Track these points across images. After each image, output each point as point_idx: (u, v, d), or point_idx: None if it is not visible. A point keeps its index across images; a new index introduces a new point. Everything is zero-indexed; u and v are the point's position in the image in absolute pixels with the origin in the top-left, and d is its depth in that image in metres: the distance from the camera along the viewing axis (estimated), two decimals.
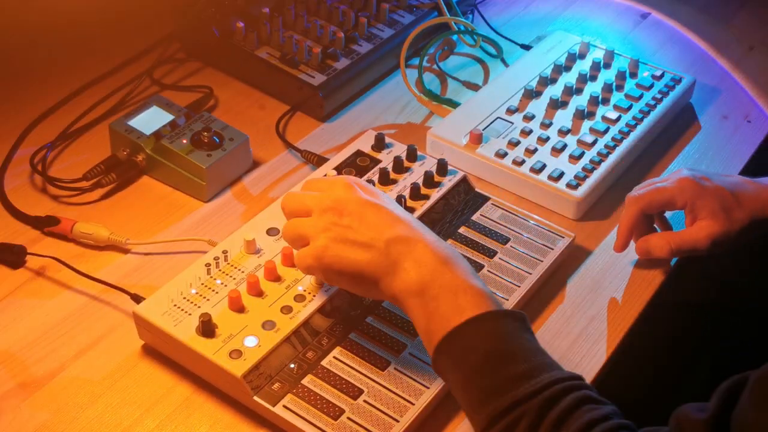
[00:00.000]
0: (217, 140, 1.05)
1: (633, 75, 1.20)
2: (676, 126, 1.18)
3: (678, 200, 0.92)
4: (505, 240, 0.97)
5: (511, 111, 1.13)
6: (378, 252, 0.76)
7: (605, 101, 1.15)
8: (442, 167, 1.01)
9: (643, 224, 0.95)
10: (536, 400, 0.67)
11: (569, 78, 1.19)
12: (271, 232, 0.93)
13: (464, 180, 1.02)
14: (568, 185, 1.03)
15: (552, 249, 0.96)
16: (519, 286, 0.92)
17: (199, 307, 0.85)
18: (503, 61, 1.30)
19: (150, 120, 1.07)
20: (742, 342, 1.12)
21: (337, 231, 0.78)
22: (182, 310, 0.85)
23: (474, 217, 0.99)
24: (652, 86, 1.17)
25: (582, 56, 1.23)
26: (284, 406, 0.79)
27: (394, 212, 0.79)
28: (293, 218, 0.82)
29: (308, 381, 0.81)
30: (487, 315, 0.72)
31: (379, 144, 1.05)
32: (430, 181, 1.00)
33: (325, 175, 0.97)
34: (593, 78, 1.19)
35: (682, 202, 0.92)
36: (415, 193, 0.98)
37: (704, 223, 0.91)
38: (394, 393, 0.81)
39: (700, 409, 0.65)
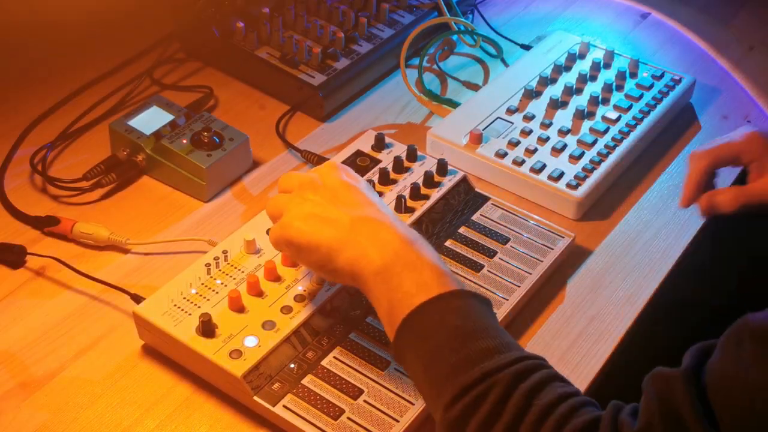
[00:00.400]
0: (217, 140, 1.05)
1: (633, 75, 1.20)
2: (676, 126, 1.18)
3: (745, 156, 0.91)
4: (505, 240, 0.97)
5: (511, 111, 1.13)
6: (342, 229, 0.77)
7: (605, 101, 1.15)
8: (442, 167, 1.01)
9: (708, 180, 0.93)
10: (507, 372, 0.67)
11: (569, 78, 1.19)
12: None
13: (464, 180, 1.02)
14: (568, 185, 1.03)
15: (552, 249, 0.96)
16: (519, 286, 0.92)
17: (199, 307, 0.85)
18: (503, 61, 1.30)
19: (150, 120, 1.07)
20: None
21: (307, 206, 0.79)
22: (182, 310, 0.85)
23: (474, 217, 0.99)
24: (652, 86, 1.17)
25: (582, 56, 1.23)
26: (284, 406, 0.79)
27: (366, 195, 0.80)
28: (275, 196, 0.84)
29: (308, 381, 0.81)
30: (455, 293, 0.72)
31: (379, 144, 1.05)
32: (430, 181, 1.00)
33: None
34: (593, 78, 1.19)
35: (749, 158, 0.91)
36: (415, 193, 0.98)
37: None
38: (394, 393, 0.81)
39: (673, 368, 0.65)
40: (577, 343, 0.90)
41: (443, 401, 0.68)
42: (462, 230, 0.98)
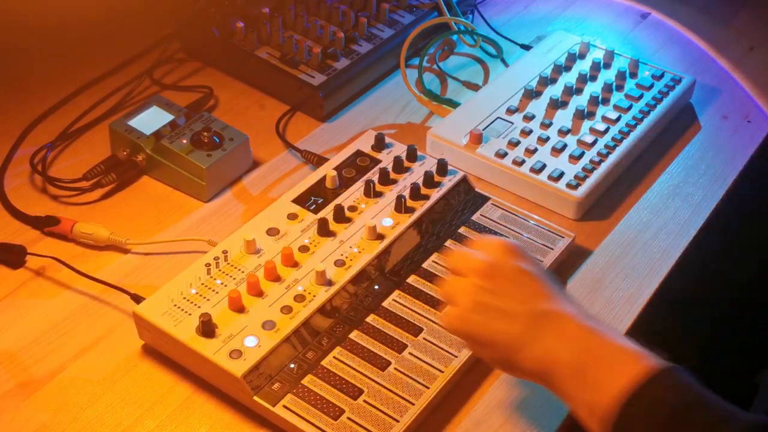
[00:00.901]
0: (217, 140, 1.05)
1: (633, 75, 1.20)
2: (676, 126, 1.18)
3: None
4: None
5: (511, 111, 1.13)
6: (522, 325, 0.72)
7: (605, 101, 1.15)
8: (442, 167, 1.01)
9: None
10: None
11: (569, 78, 1.19)
12: (271, 232, 0.93)
13: (464, 180, 1.02)
14: (568, 185, 1.03)
15: (552, 249, 0.96)
16: None
17: (199, 307, 0.85)
18: (503, 61, 1.30)
19: (150, 120, 1.07)
20: (742, 340, 1.12)
21: (483, 296, 0.74)
22: (182, 310, 0.85)
23: (474, 217, 0.99)
24: (652, 86, 1.17)
25: (582, 56, 1.23)
26: (284, 406, 0.79)
27: (544, 283, 0.75)
28: (449, 278, 0.78)
29: (308, 381, 0.81)
30: (656, 372, 0.67)
31: (379, 144, 1.05)
32: (430, 181, 1.00)
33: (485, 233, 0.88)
34: (593, 78, 1.19)
35: None
36: (415, 193, 0.98)
37: None
38: (394, 393, 0.81)
39: None
40: None
41: None
42: (462, 230, 0.98)
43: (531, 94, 1.16)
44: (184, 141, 1.04)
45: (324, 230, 0.94)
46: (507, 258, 0.76)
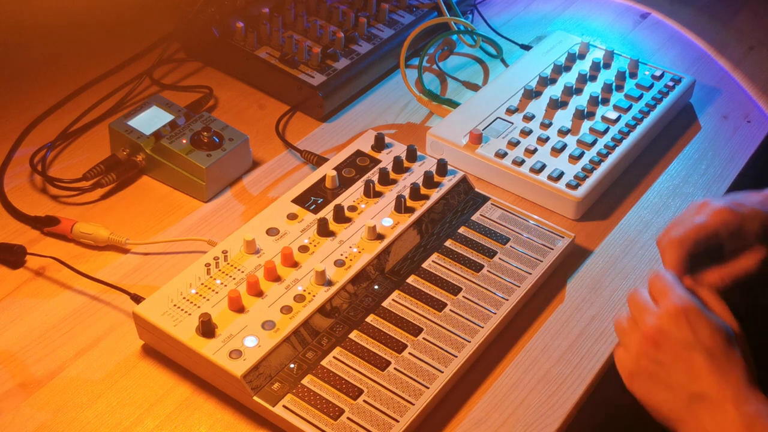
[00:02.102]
0: (217, 140, 1.05)
1: (633, 75, 1.20)
2: (676, 126, 1.18)
3: (722, 234, 0.84)
4: (504, 240, 0.97)
5: (510, 111, 1.13)
6: (679, 403, 0.74)
7: (605, 101, 1.15)
8: (442, 167, 1.01)
9: (688, 267, 0.87)
10: None
11: (569, 78, 1.19)
12: (271, 232, 0.93)
13: (464, 180, 1.02)
14: (568, 185, 1.03)
15: (552, 249, 0.96)
16: (519, 286, 0.92)
17: (198, 307, 0.85)
18: (503, 61, 1.30)
19: (150, 120, 1.07)
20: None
21: (647, 363, 0.76)
22: (182, 310, 0.85)
23: (474, 218, 0.99)
24: (651, 86, 1.17)
25: (582, 56, 1.23)
26: (284, 406, 0.79)
27: (709, 360, 0.74)
28: (625, 324, 0.79)
29: (308, 381, 0.81)
30: None
31: (379, 144, 1.05)
32: (429, 181, 1.00)
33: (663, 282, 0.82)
34: (593, 78, 1.19)
35: (725, 236, 0.85)
36: (415, 194, 0.98)
37: (752, 252, 0.86)
38: (394, 393, 0.81)
39: None
40: (577, 343, 0.90)
41: None
42: (462, 230, 0.98)
43: (531, 94, 1.16)
44: (184, 141, 1.04)
45: (324, 230, 0.94)
46: (674, 328, 0.75)
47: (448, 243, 0.96)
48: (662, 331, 0.75)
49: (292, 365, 0.83)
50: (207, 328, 0.83)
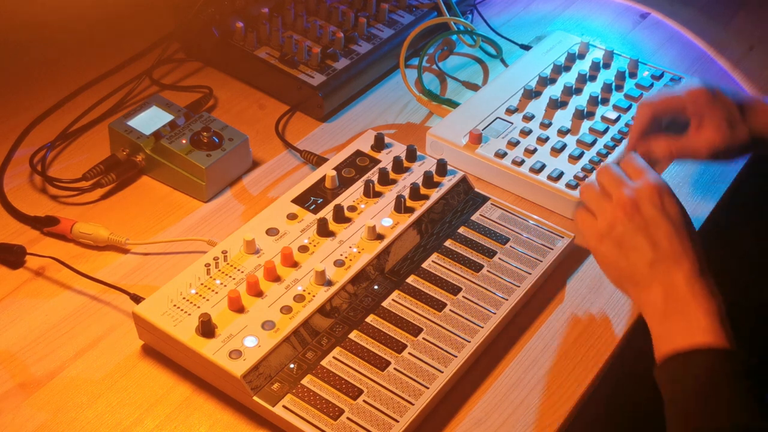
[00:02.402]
0: (217, 140, 1.05)
1: (632, 75, 1.20)
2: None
3: (689, 108, 0.95)
4: (504, 240, 0.97)
5: (510, 111, 1.13)
6: (642, 266, 0.83)
7: (605, 101, 1.15)
8: (442, 167, 1.01)
9: (652, 129, 0.98)
10: None
11: (569, 78, 1.19)
12: (271, 232, 0.93)
13: (464, 180, 1.02)
14: (568, 185, 1.03)
15: (552, 249, 0.96)
16: (519, 286, 0.92)
17: (198, 307, 0.85)
18: (503, 61, 1.30)
19: (149, 120, 1.07)
20: (742, 340, 1.12)
21: (619, 229, 0.84)
22: (182, 310, 0.85)
23: (473, 217, 0.99)
24: (651, 86, 1.17)
25: (581, 56, 1.23)
26: (284, 407, 0.79)
27: (677, 231, 0.83)
28: (597, 193, 0.88)
29: (308, 381, 0.81)
30: (698, 351, 0.77)
31: (379, 144, 1.05)
32: (429, 181, 1.00)
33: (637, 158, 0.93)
34: (593, 78, 1.19)
35: (692, 111, 0.95)
36: (415, 194, 0.98)
37: (708, 133, 0.94)
38: (394, 393, 0.81)
39: None
40: (577, 342, 0.90)
41: None
42: (461, 230, 0.98)
43: (530, 94, 1.16)
44: (184, 141, 1.04)
45: (324, 230, 0.94)
46: (651, 200, 0.84)
47: (448, 243, 0.96)
48: (636, 204, 0.84)
49: (291, 365, 0.83)
50: (207, 328, 0.83)
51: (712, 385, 0.75)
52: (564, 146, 1.07)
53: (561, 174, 1.04)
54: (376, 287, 0.90)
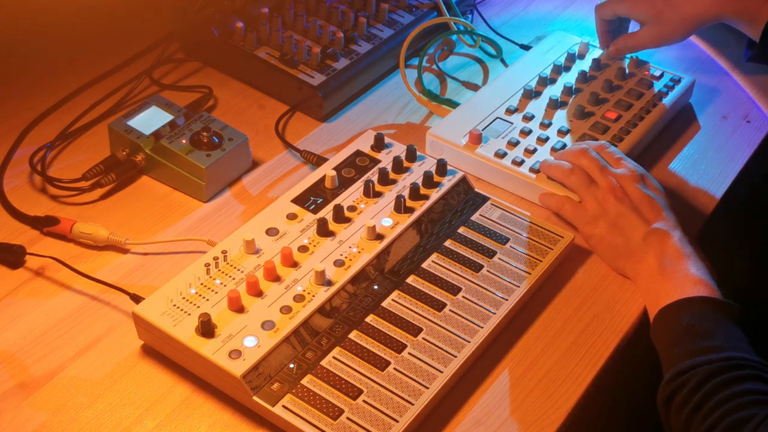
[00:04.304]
0: (217, 140, 1.05)
1: (632, 75, 1.20)
2: (676, 126, 1.18)
3: (619, 9, 1.15)
4: (504, 240, 0.97)
5: (510, 111, 1.13)
6: (636, 240, 0.93)
7: (605, 101, 1.15)
8: (442, 167, 1.01)
9: (611, 27, 1.19)
10: (711, 366, 0.78)
11: (569, 78, 1.19)
12: (271, 232, 0.93)
13: (463, 180, 1.02)
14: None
15: (552, 249, 0.96)
16: (518, 287, 0.92)
17: (198, 307, 0.85)
18: (503, 61, 1.30)
19: (149, 120, 1.07)
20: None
21: (611, 214, 0.95)
22: (181, 310, 0.85)
23: (473, 218, 0.99)
24: (651, 86, 1.17)
25: (581, 56, 1.23)
26: (283, 406, 0.79)
27: (660, 208, 0.95)
28: (583, 180, 0.98)
29: (308, 381, 0.81)
30: (697, 299, 0.85)
31: (379, 144, 1.05)
32: (429, 181, 1.00)
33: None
34: (593, 78, 1.19)
35: (624, 11, 1.15)
36: (415, 194, 0.98)
37: (646, 27, 1.14)
38: (394, 393, 0.81)
39: None
40: (577, 342, 0.90)
41: (663, 381, 0.82)
42: (461, 230, 0.98)
43: (530, 94, 1.16)
44: (184, 141, 1.04)
45: (323, 230, 0.94)
46: (636, 188, 0.96)
47: (448, 243, 0.96)
48: (623, 188, 0.96)
49: (291, 365, 0.82)
50: (206, 328, 0.83)
51: (705, 324, 0.83)
52: (564, 146, 1.07)
53: None
54: (375, 287, 0.90)
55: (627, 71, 1.19)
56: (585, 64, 1.21)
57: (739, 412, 0.75)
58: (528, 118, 1.12)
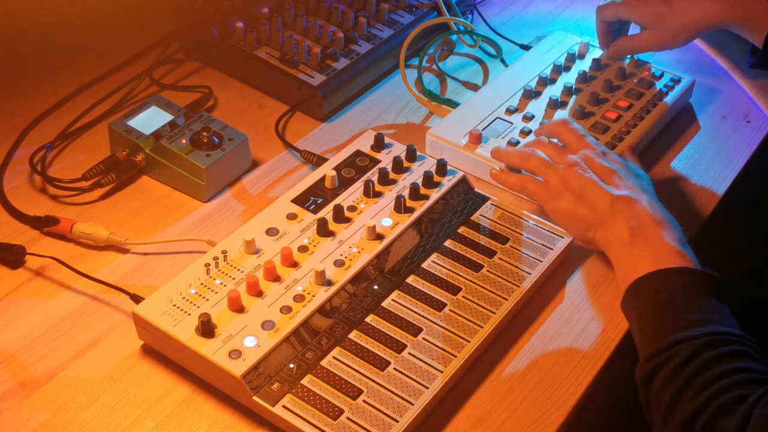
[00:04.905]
0: (217, 140, 1.05)
1: (632, 75, 1.20)
2: (676, 126, 1.18)
3: (621, 13, 1.15)
4: (504, 240, 0.97)
5: (510, 111, 1.13)
6: (603, 207, 0.90)
7: (605, 101, 1.15)
8: (442, 167, 1.01)
9: (611, 28, 1.19)
10: (695, 342, 0.75)
11: (569, 78, 1.19)
12: (271, 232, 0.93)
13: (463, 180, 1.02)
14: None
15: (551, 249, 0.96)
16: (519, 286, 0.92)
17: (198, 307, 0.85)
18: (503, 61, 1.30)
19: (149, 120, 1.07)
20: None
21: (575, 185, 0.93)
22: (181, 310, 0.85)
23: (473, 217, 0.99)
24: (652, 86, 1.17)
25: (581, 56, 1.23)
26: (283, 406, 0.79)
27: (626, 176, 0.93)
28: (542, 160, 0.97)
29: (308, 381, 0.81)
30: (676, 270, 0.82)
31: (379, 144, 1.05)
32: (429, 181, 1.00)
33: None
34: (593, 78, 1.19)
35: (626, 14, 1.15)
36: (415, 194, 0.98)
37: (647, 31, 1.14)
38: (394, 393, 0.81)
39: None
40: (577, 343, 0.90)
41: (641, 359, 0.79)
42: (461, 230, 0.98)
43: (530, 94, 1.16)
44: (184, 141, 1.04)
45: (323, 230, 0.94)
46: (601, 158, 0.95)
47: (448, 243, 0.96)
48: (585, 161, 0.94)
49: (291, 365, 0.82)
50: (206, 328, 0.83)
51: (685, 297, 0.79)
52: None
53: None
54: (375, 287, 0.90)
55: (627, 71, 1.19)
56: (585, 64, 1.21)
57: (729, 393, 0.72)
58: (528, 118, 1.12)
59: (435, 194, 0.99)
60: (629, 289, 0.84)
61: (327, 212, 0.96)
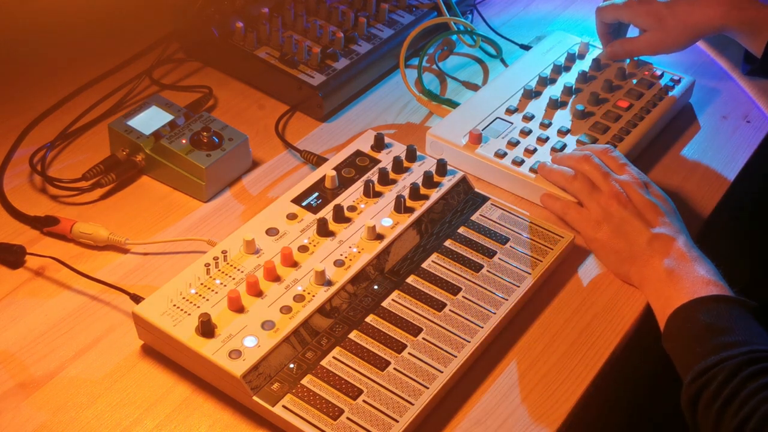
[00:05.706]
0: (217, 140, 1.05)
1: (632, 75, 1.20)
2: (676, 126, 1.18)
3: (621, 15, 1.15)
4: (504, 240, 0.97)
5: (510, 111, 1.13)
6: (641, 244, 0.92)
7: (605, 101, 1.15)
8: (442, 167, 1.01)
9: (611, 29, 1.19)
10: (737, 360, 0.77)
11: (569, 78, 1.19)
12: (271, 232, 0.93)
13: (464, 180, 1.02)
14: None
15: (552, 249, 0.96)
16: (519, 287, 0.92)
17: (198, 307, 0.85)
18: (503, 61, 1.30)
19: (149, 120, 1.07)
20: None
21: (615, 219, 0.94)
22: (181, 310, 0.85)
23: (473, 218, 0.99)
24: (652, 86, 1.17)
25: (581, 56, 1.23)
26: (283, 406, 0.79)
27: (663, 213, 0.94)
28: (585, 185, 0.97)
29: (308, 381, 0.81)
30: (712, 297, 0.84)
31: (379, 144, 1.05)
32: (429, 181, 1.00)
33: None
34: (592, 78, 1.19)
35: (627, 17, 1.15)
36: (415, 194, 0.98)
37: (646, 34, 1.14)
38: (394, 393, 0.81)
39: None
40: (577, 342, 0.90)
41: (685, 383, 0.81)
42: (461, 230, 0.98)
43: (530, 94, 1.16)
44: (184, 141, 1.04)
45: (323, 230, 0.94)
46: (639, 193, 0.95)
47: (448, 243, 0.96)
48: (627, 194, 0.95)
49: (291, 365, 0.82)
50: (206, 328, 0.83)
51: (723, 321, 0.81)
52: (564, 146, 1.07)
53: None
54: (375, 287, 0.90)
55: (627, 71, 1.19)
56: (585, 64, 1.21)
57: None
58: (528, 118, 1.12)
59: (435, 194, 0.99)
60: (669, 319, 0.86)
61: (327, 212, 0.96)
